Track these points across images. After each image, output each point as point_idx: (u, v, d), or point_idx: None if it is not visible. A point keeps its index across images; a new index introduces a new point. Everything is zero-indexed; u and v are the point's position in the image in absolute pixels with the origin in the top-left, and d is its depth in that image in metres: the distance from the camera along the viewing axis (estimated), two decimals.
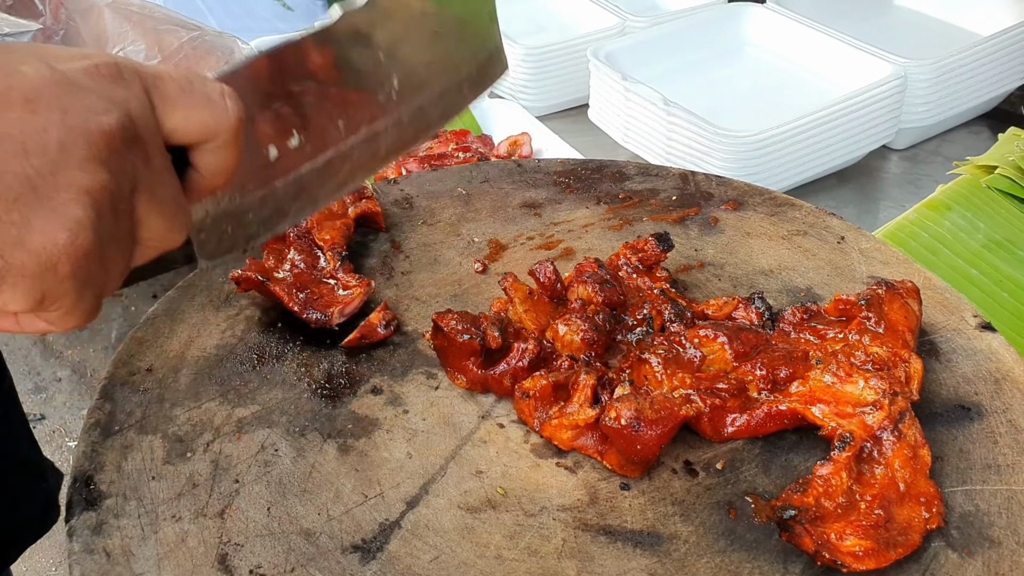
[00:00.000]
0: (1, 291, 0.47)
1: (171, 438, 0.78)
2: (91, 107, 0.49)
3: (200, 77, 0.57)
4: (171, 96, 0.54)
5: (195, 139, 0.57)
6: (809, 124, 1.34)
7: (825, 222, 1.03)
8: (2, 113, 0.47)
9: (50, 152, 0.47)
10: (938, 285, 0.94)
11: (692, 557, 0.69)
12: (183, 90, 0.55)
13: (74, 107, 0.49)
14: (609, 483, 0.75)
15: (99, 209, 0.49)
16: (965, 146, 1.63)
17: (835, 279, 0.96)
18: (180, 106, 0.55)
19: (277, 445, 0.78)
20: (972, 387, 0.83)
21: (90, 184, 0.49)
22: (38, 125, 0.48)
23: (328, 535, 0.70)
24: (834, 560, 0.66)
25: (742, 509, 0.73)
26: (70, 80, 0.50)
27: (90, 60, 0.52)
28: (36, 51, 0.51)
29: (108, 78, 0.51)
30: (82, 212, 0.48)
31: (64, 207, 0.48)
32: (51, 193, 0.47)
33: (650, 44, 1.58)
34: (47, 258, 0.47)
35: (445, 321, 0.80)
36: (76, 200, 0.48)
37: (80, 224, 0.48)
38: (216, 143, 0.57)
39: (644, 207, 1.07)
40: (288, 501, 0.73)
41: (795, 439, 0.79)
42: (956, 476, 0.75)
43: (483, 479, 0.75)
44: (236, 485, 0.74)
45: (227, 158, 0.59)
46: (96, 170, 0.49)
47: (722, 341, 0.81)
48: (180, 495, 0.73)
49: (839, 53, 1.53)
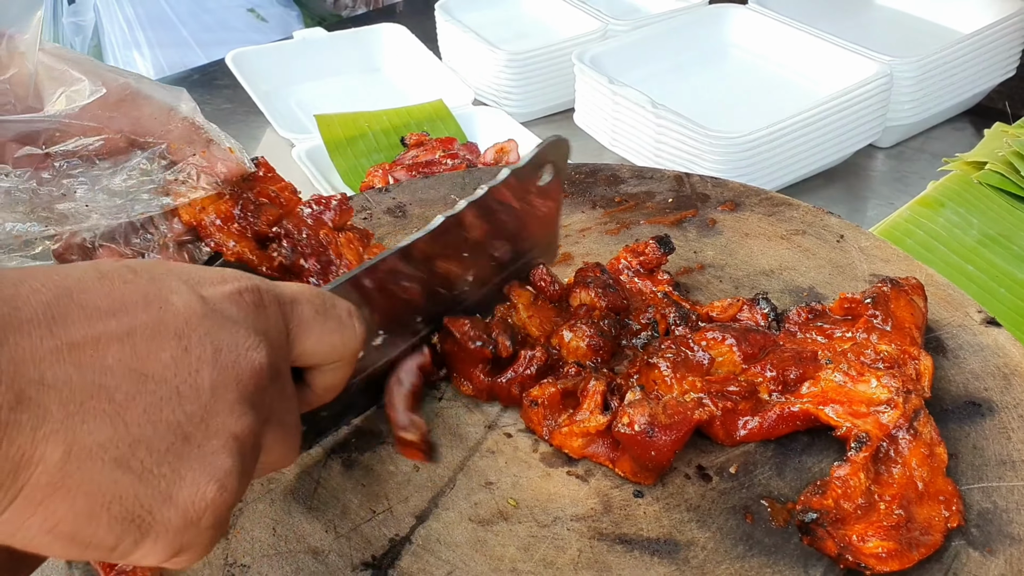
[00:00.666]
0: (140, 547, 0.44)
1: None
2: (241, 343, 0.47)
3: (331, 298, 0.56)
4: (307, 321, 0.53)
5: (321, 362, 0.56)
6: (798, 124, 1.33)
7: (823, 221, 1.03)
8: (155, 353, 0.44)
9: (203, 397, 0.44)
10: (940, 282, 0.93)
11: (711, 564, 0.68)
12: (319, 314, 0.54)
13: (225, 344, 0.46)
14: (622, 491, 0.73)
15: (244, 454, 0.46)
16: (950, 142, 1.64)
17: (837, 278, 0.95)
18: (315, 331, 0.54)
19: None
20: (981, 383, 0.82)
21: (239, 429, 0.46)
22: (191, 366, 0.44)
23: (337, 553, 0.68)
24: (857, 563, 0.65)
25: (758, 513, 0.71)
26: (219, 312, 0.47)
27: (232, 285, 0.49)
28: (179, 275, 0.48)
29: (252, 306, 0.49)
30: (230, 461, 0.45)
31: (215, 456, 0.45)
32: (203, 441, 0.44)
33: (634, 47, 1.57)
34: (193, 513, 0.44)
35: (458, 327, 0.79)
36: (226, 448, 0.45)
37: (228, 473, 0.45)
38: (338, 364, 0.57)
39: (640, 210, 1.05)
40: (294, 519, 0.71)
41: (808, 440, 0.77)
42: (972, 473, 0.74)
43: (493, 490, 0.73)
44: (239, 504, 0.72)
45: (344, 376, 0.58)
46: (245, 413, 0.46)
47: (730, 343, 0.80)
48: None
49: (824, 52, 1.53)
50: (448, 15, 1.77)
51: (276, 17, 2.57)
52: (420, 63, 1.77)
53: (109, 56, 2.41)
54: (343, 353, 0.56)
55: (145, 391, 0.43)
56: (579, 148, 1.57)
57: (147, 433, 0.42)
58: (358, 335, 0.57)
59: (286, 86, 1.75)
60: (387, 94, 1.74)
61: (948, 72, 1.52)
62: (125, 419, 0.42)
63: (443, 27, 1.80)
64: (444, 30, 1.80)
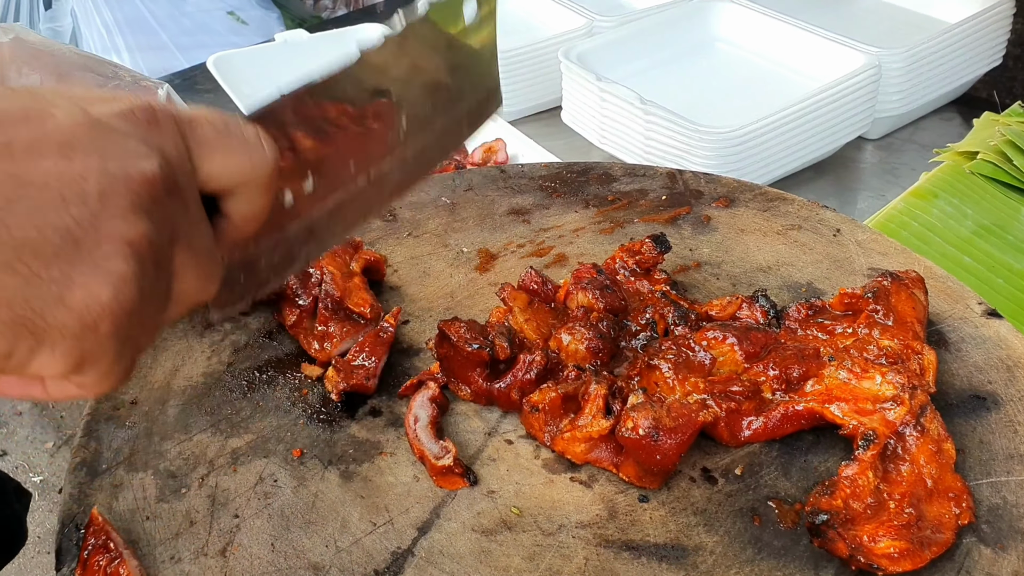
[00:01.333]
0: (38, 354, 0.44)
1: (163, 474, 0.74)
2: (130, 153, 0.46)
3: (235, 120, 0.54)
4: (208, 140, 0.52)
5: (231, 185, 0.54)
6: (789, 117, 1.32)
7: (819, 215, 1.02)
8: (36, 161, 0.44)
9: (90, 202, 0.44)
10: (939, 274, 0.92)
11: (720, 569, 0.66)
12: (220, 134, 0.52)
13: (113, 153, 0.46)
14: (627, 496, 0.72)
15: (142, 262, 0.46)
16: (938, 133, 1.63)
17: (835, 272, 0.94)
18: (218, 151, 0.52)
19: (276, 475, 0.74)
20: (985, 376, 0.81)
21: (133, 235, 0.45)
22: (76, 173, 0.44)
23: (339, 568, 0.67)
24: (869, 564, 0.64)
25: (766, 515, 0.70)
26: (106, 125, 0.46)
27: (124, 103, 0.49)
28: (67, 94, 0.48)
29: (144, 122, 0.48)
30: (125, 266, 0.45)
31: (106, 261, 0.44)
32: (92, 246, 0.44)
33: (620, 43, 1.56)
34: (89, 317, 0.44)
35: (453, 329, 0.77)
36: (119, 253, 0.45)
37: (123, 279, 0.45)
38: (250, 189, 0.55)
39: (634, 208, 1.04)
40: (293, 534, 0.69)
41: (812, 439, 0.76)
42: (980, 468, 0.73)
43: (496, 499, 0.72)
44: (236, 520, 0.70)
45: (260, 204, 0.56)
46: (138, 220, 0.46)
47: (731, 342, 0.79)
48: (177, 534, 0.69)
49: (811, 45, 1.52)
50: None
51: (256, 20, 2.54)
52: None
53: None
54: (252, 175, 0.54)
55: (26, 196, 0.43)
56: (567, 146, 1.56)
57: (31, 236, 0.42)
58: (267, 157, 0.55)
59: (269, 88, 1.73)
60: None
61: (936, 62, 1.52)
62: (7, 223, 0.42)
63: None
64: None
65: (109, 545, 0.65)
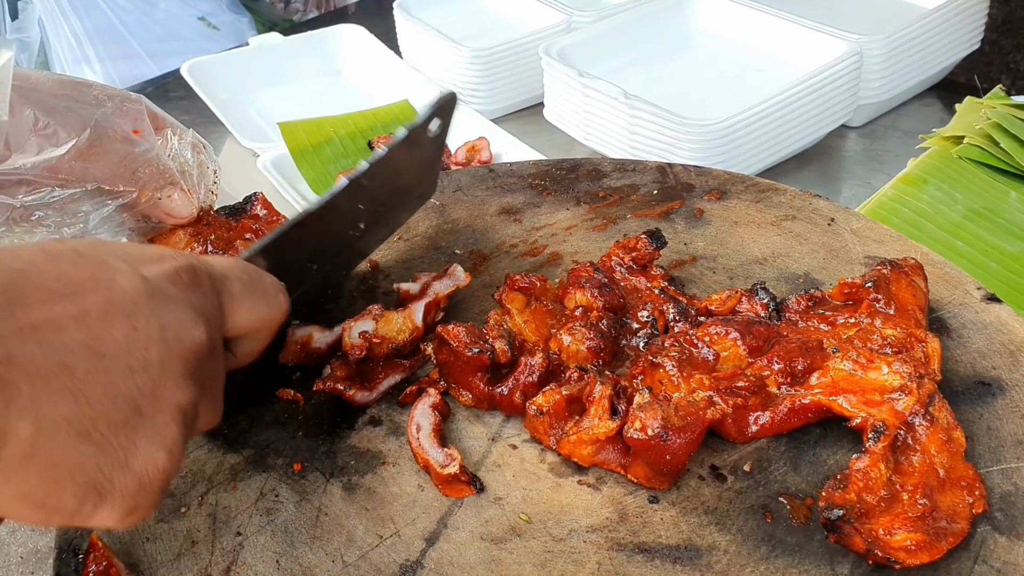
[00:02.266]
0: (99, 511, 0.47)
1: None
2: (183, 321, 0.50)
3: (258, 272, 0.60)
4: (237, 296, 0.57)
5: (248, 332, 0.60)
6: (774, 107, 1.31)
7: (812, 204, 1.01)
8: (108, 332, 0.47)
9: (152, 371, 0.48)
10: (936, 260, 0.92)
11: (735, 568, 0.65)
12: (247, 289, 0.58)
13: (170, 321, 0.50)
14: (636, 497, 0.71)
15: (188, 424, 0.50)
16: (920, 119, 1.63)
17: (832, 262, 0.93)
18: (245, 305, 0.58)
19: (277, 490, 0.72)
20: (989, 362, 0.80)
21: (184, 401, 0.50)
22: (141, 344, 0.48)
23: None
24: (887, 557, 0.63)
25: (778, 511, 0.69)
26: (161, 291, 0.50)
27: (170, 264, 0.53)
28: (121, 255, 0.51)
29: (189, 284, 0.53)
30: (177, 431, 0.49)
31: (164, 427, 0.48)
32: (153, 413, 0.48)
33: (601, 38, 1.55)
34: (147, 479, 0.48)
35: (452, 334, 0.75)
36: (173, 419, 0.49)
37: (176, 442, 0.49)
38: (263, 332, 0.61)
39: (626, 204, 1.03)
40: (298, 550, 0.67)
41: (820, 432, 0.75)
42: (989, 456, 0.72)
43: (503, 506, 0.70)
44: (239, 538, 0.68)
45: (265, 344, 0.63)
46: (188, 385, 0.50)
47: (734, 337, 0.78)
48: (179, 555, 0.67)
49: (791, 34, 1.51)
50: (407, 14, 1.74)
51: (227, 25, 2.51)
52: (382, 64, 1.73)
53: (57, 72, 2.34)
54: (268, 324, 0.61)
55: (102, 367, 0.46)
56: (550, 143, 1.55)
57: (106, 407, 0.46)
58: (283, 307, 0.61)
59: (245, 94, 1.71)
60: (350, 97, 1.70)
61: (916, 47, 1.52)
62: (86, 394, 0.45)
63: (403, 26, 1.77)
64: (404, 29, 1.77)
65: (111, 571, 0.64)
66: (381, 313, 0.81)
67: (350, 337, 0.79)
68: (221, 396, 0.57)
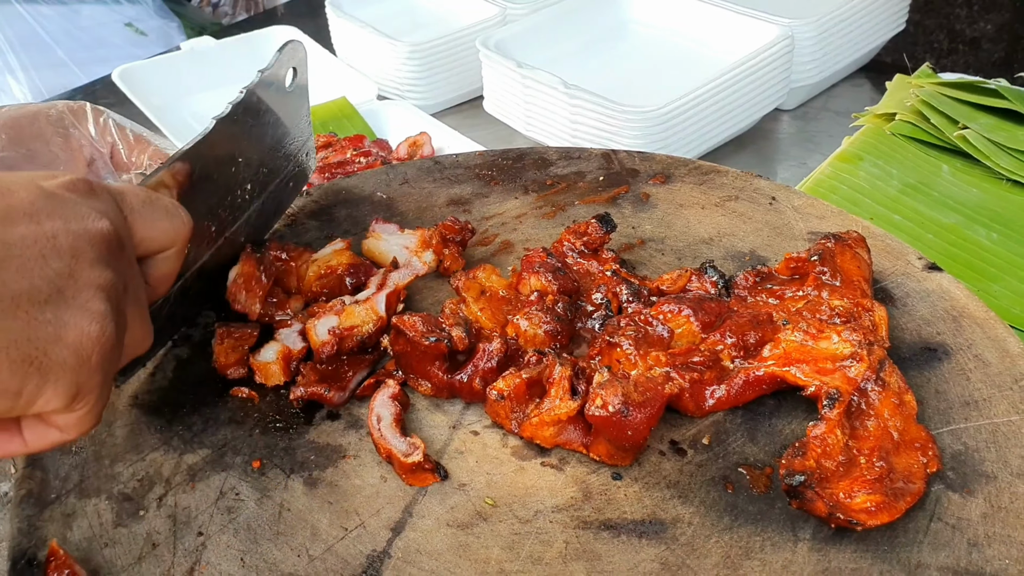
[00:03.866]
0: (44, 390, 0.52)
1: (118, 498, 0.70)
2: (84, 215, 0.55)
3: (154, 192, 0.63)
4: (136, 208, 0.60)
5: (156, 249, 0.63)
6: (711, 92, 1.33)
7: (754, 184, 1.02)
8: (12, 228, 0.52)
9: (64, 256, 0.52)
10: (877, 232, 0.94)
11: (700, 539, 0.66)
12: (145, 203, 0.61)
13: (71, 216, 0.54)
14: (599, 475, 0.71)
15: (112, 303, 0.54)
16: (850, 99, 1.67)
17: (776, 239, 0.95)
18: (146, 218, 0.61)
19: (237, 488, 0.71)
20: (933, 328, 0.83)
21: (103, 281, 0.54)
22: (47, 233, 0.52)
23: None
24: (848, 520, 0.64)
25: (738, 482, 0.70)
26: (58, 195, 0.54)
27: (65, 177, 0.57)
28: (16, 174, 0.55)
29: (85, 192, 0.57)
30: (103, 306, 0.53)
31: (89, 303, 0.53)
32: (75, 292, 0.52)
33: (537, 29, 1.55)
34: (83, 350, 0.52)
35: (408, 324, 0.75)
36: (96, 296, 0.53)
37: (104, 316, 0.53)
38: (169, 252, 0.63)
39: (573, 191, 1.04)
40: (262, 547, 0.67)
41: (775, 403, 0.77)
42: (939, 418, 0.74)
43: (468, 492, 0.70)
44: (201, 538, 0.67)
45: (174, 266, 0.65)
46: (104, 269, 0.54)
47: (687, 314, 0.79)
48: (140, 559, 0.66)
49: (724, 20, 1.53)
50: (341, 11, 1.72)
51: (156, 30, 2.47)
52: (316, 62, 1.72)
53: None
54: (174, 239, 0.63)
55: (12, 256, 0.51)
56: (492, 135, 1.55)
57: (23, 286, 0.50)
58: (186, 222, 0.64)
59: (179, 99, 1.68)
60: None
61: (845, 30, 1.55)
62: (3, 279, 0.50)
63: (336, 24, 1.75)
64: (338, 27, 1.75)
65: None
66: (342, 307, 0.80)
67: (317, 335, 0.78)
68: (146, 312, 0.60)
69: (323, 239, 0.97)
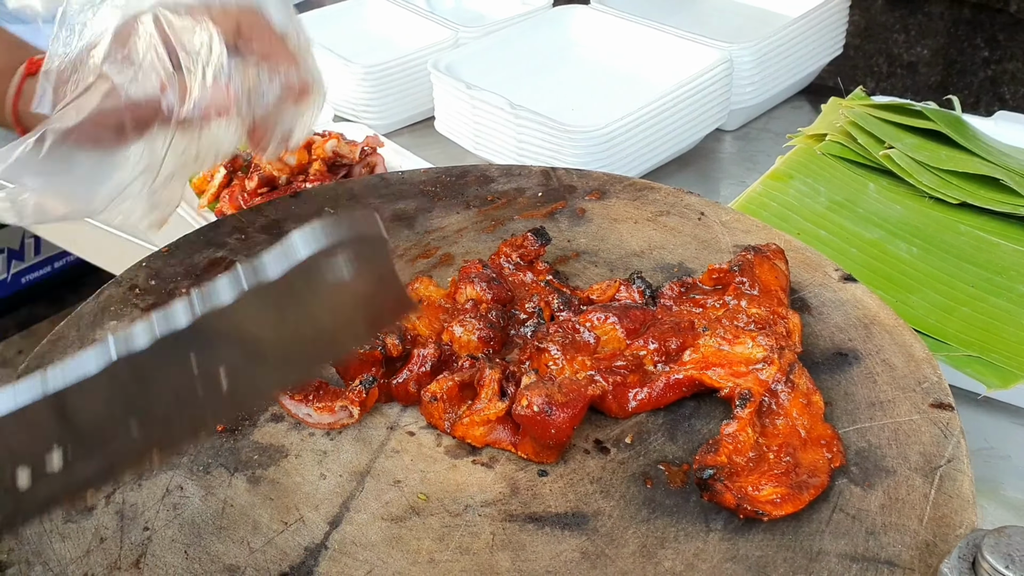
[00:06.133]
0: None
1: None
2: None
3: None
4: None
5: None
6: (651, 113, 1.39)
7: (684, 200, 1.08)
8: None
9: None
10: (798, 246, 0.99)
11: (619, 530, 0.71)
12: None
13: None
14: (527, 472, 0.76)
15: None
16: (790, 120, 1.73)
17: (703, 252, 1.00)
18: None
19: (183, 486, 0.75)
20: (846, 335, 0.88)
21: None
22: None
23: (254, 567, 0.68)
24: (755, 511, 0.69)
25: (657, 477, 0.75)
26: None
27: None
28: None
29: None
30: None
31: None
32: None
33: (487, 52, 1.60)
34: None
35: None
36: None
37: None
38: None
39: (512, 206, 1.08)
40: (205, 540, 0.70)
41: (694, 405, 0.81)
42: (846, 418, 0.79)
43: (402, 488, 0.74)
44: (147, 533, 0.71)
45: None
46: None
47: (612, 321, 0.84)
48: (88, 552, 0.69)
49: (666, 44, 1.59)
50: None
51: None
52: None
53: None
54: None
55: None
56: (443, 154, 1.60)
57: None
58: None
59: None
60: None
61: (783, 54, 1.61)
62: None
63: None
64: None
65: None
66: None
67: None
68: None
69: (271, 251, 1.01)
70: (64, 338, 0.90)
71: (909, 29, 2.11)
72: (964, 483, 0.73)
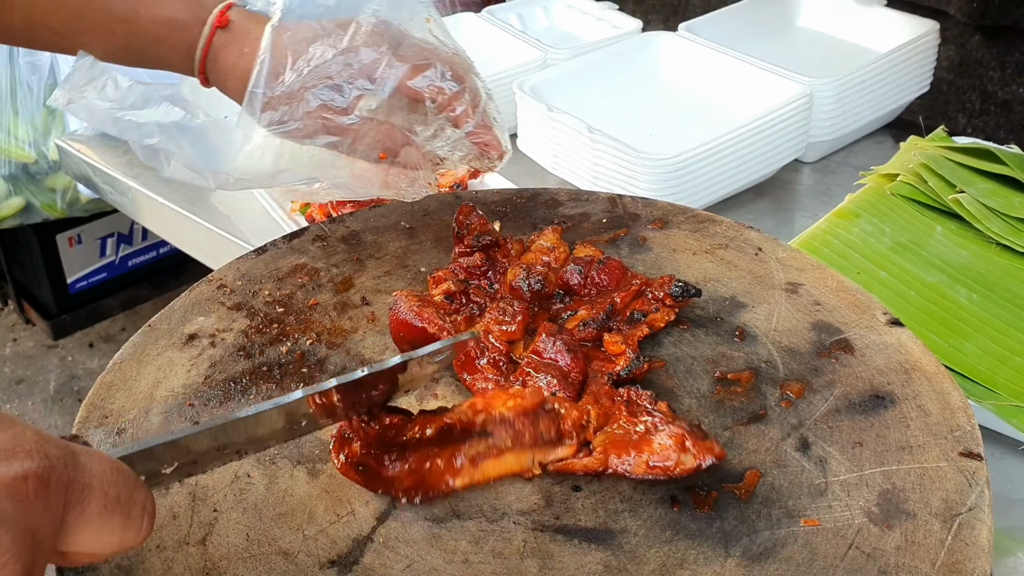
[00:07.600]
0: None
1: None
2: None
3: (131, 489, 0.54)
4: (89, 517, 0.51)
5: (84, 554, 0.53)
6: (724, 144, 1.43)
7: (744, 235, 1.12)
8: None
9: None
10: (850, 287, 1.02)
11: (642, 548, 0.76)
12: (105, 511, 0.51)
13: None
14: (562, 487, 0.81)
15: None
16: (870, 155, 1.74)
17: (756, 287, 1.04)
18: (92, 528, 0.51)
19: (250, 473, 0.82)
20: (885, 378, 0.91)
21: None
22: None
23: (305, 553, 0.75)
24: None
25: (685, 502, 0.80)
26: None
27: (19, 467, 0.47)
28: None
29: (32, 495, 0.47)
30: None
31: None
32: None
33: (571, 75, 1.66)
34: None
35: None
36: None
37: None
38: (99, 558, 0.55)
39: (578, 230, 1.14)
40: (265, 525, 0.78)
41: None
42: (875, 459, 0.83)
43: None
44: (215, 514, 0.79)
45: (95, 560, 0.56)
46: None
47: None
48: (162, 526, 0.77)
49: (747, 75, 1.62)
50: None
51: None
52: None
53: None
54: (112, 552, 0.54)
55: None
56: (523, 171, 1.66)
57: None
58: (140, 535, 0.55)
59: None
60: None
61: (865, 90, 1.63)
62: None
63: None
64: None
65: None
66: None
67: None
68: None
69: (350, 261, 1.09)
70: (156, 329, 0.99)
71: (1005, 67, 2.09)
72: (982, 532, 0.75)
